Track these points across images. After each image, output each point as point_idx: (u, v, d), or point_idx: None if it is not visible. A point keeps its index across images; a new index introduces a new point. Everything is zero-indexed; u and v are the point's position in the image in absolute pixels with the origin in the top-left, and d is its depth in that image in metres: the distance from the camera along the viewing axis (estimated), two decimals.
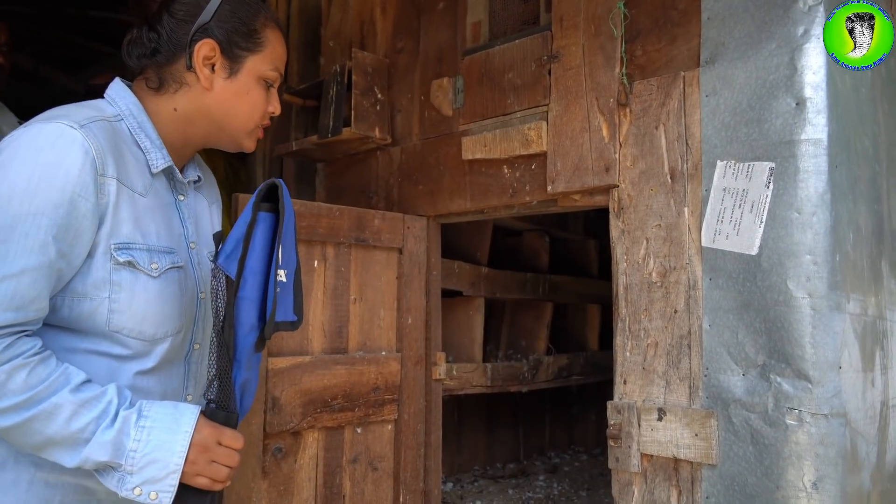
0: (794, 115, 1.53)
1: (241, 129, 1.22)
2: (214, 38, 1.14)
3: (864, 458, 1.58)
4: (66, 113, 1.05)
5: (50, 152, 0.98)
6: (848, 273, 1.55)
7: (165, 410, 1.03)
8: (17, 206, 0.96)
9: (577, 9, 1.90)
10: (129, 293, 1.06)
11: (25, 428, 0.96)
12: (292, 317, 1.11)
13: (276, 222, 1.06)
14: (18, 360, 0.95)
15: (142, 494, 0.99)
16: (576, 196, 1.90)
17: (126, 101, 1.15)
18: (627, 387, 1.75)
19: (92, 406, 0.98)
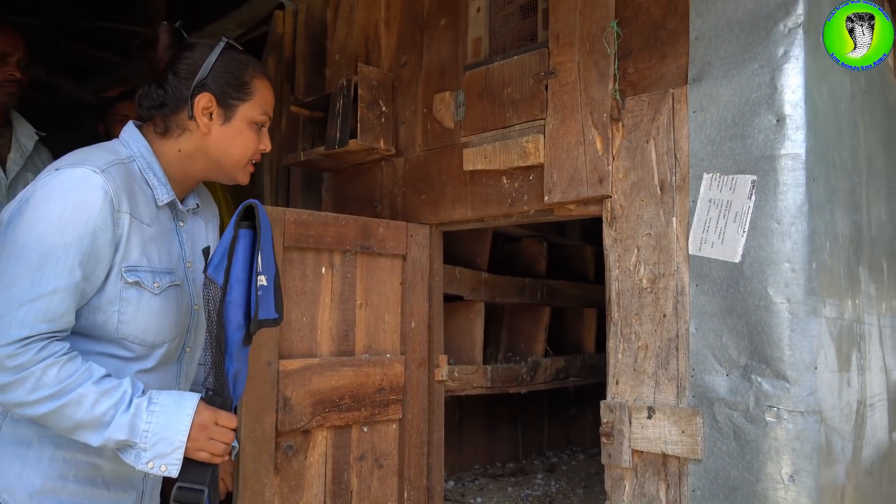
0: (775, 131, 1.63)
1: (235, 166, 1.43)
2: (211, 92, 1.36)
3: (839, 453, 1.68)
4: (90, 158, 1.28)
5: (77, 193, 1.21)
6: (824, 279, 1.66)
7: (171, 398, 1.25)
8: (51, 238, 1.18)
9: (572, 27, 2.00)
10: (135, 307, 1.29)
11: (59, 414, 1.17)
12: (274, 315, 1.32)
13: (254, 236, 1.26)
14: (51, 359, 1.16)
15: (154, 467, 1.20)
16: (571, 206, 2.00)
17: (138, 145, 1.37)
18: (619, 387, 1.85)
19: (111, 395, 1.19)
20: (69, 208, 1.20)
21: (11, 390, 1.15)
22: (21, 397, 1.16)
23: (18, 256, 1.18)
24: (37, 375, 1.15)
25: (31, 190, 1.23)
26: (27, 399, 1.16)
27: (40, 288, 1.17)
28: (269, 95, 1.45)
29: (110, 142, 1.40)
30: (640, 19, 1.89)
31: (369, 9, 2.60)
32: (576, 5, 1.99)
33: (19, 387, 1.15)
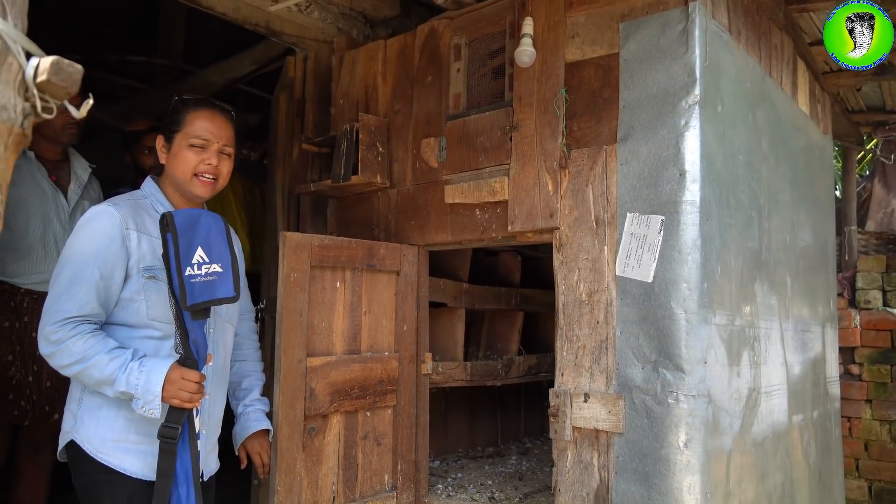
0: (678, 182, 2.15)
1: (185, 179, 1.97)
2: (161, 134, 2.00)
3: (726, 427, 2.19)
4: (115, 199, 1.89)
5: (97, 221, 1.80)
6: (715, 295, 2.17)
7: (155, 362, 1.72)
8: (79, 249, 1.75)
9: (531, 91, 2.51)
10: (155, 295, 1.81)
11: (85, 374, 1.69)
12: (231, 293, 1.79)
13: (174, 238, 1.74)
14: (78, 335, 1.69)
15: (145, 411, 1.69)
16: (529, 234, 2.51)
17: (150, 188, 1.99)
18: (564, 378, 2.36)
19: (116, 360, 1.69)
20: (90, 231, 1.77)
21: (56, 357, 1.68)
22: (62, 361, 1.68)
23: (60, 266, 1.74)
24: (69, 346, 1.67)
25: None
26: (65, 363, 1.67)
27: (71, 284, 1.70)
28: (203, 121, 1.96)
29: (132, 192, 1.99)
30: (583, 88, 2.40)
31: (369, 63, 3.11)
32: (534, 74, 2.50)
33: (59, 355, 1.67)
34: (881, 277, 4.10)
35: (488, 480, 3.12)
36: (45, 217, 2.73)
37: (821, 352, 3.21)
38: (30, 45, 0.83)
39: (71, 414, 1.80)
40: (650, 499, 2.10)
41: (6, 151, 0.77)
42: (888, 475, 3.98)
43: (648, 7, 2.26)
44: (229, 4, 3.05)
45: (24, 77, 0.81)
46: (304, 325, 2.27)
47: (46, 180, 2.76)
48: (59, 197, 2.78)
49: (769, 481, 2.50)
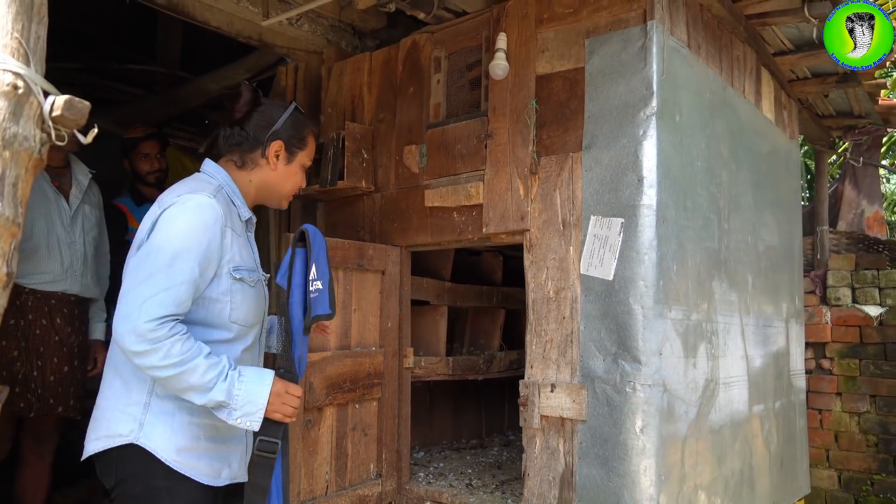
0: (636, 187, 2.32)
1: (286, 196, 1.96)
2: (282, 140, 1.85)
3: (681, 415, 2.36)
4: (200, 188, 1.72)
5: (198, 212, 1.65)
6: (671, 292, 2.34)
7: (254, 373, 1.66)
8: (179, 244, 1.60)
9: (504, 102, 2.68)
10: (240, 297, 1.74)
11: (178, 378, 1.56)
12: (328, 311, 1.79)
13: (307, 253, 1.79)
14: (178, 335, 1.55)
15: (241, 422, 1.62)
16: (502, 236, 2.68)
17: (222, 176, 1.82)
18: (533, 370, 2.53)
19: (215, 367, 1.59)
20: (192, 223, 1.62)
21: (148, 356, 1.52)
22: (155, 362, 1.52)
23: (156, 256, 1.58)
24: (167, 347, 1.52)
25: (161, 213, 1.64)
26: (159, 364, 1.52)
27: (173, 280, 1.56)
28: (314, 148, 1.96)
29: (196, 175, 1.83)
30: (552, 99, 2.57)
31: (355, 73, 3.28)
32: (507, 86, 2.67)
33: (154, 354, 1.52)
34: (850, 275, 4.27)
35: (468, 469, 3.29)
36: (49, 220, 2.89)
37: (784, 346, 3.38)
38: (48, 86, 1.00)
39: (129, 417, 1.65)
40: (609, 481, 2.27)
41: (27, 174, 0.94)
42: (856, 465, 4.15)
43: (611, 25, 2.43)
44: (223, 19, 3.22)
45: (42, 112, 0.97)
46: None
47: (49, 186, 2.93)
48: (61, 201, 2.95)
49: (726, 466, 2.67)
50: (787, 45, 3.26)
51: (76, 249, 2.97)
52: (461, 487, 2.94)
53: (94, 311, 3.16)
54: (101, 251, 3.21)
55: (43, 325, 2.84)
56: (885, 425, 4.07)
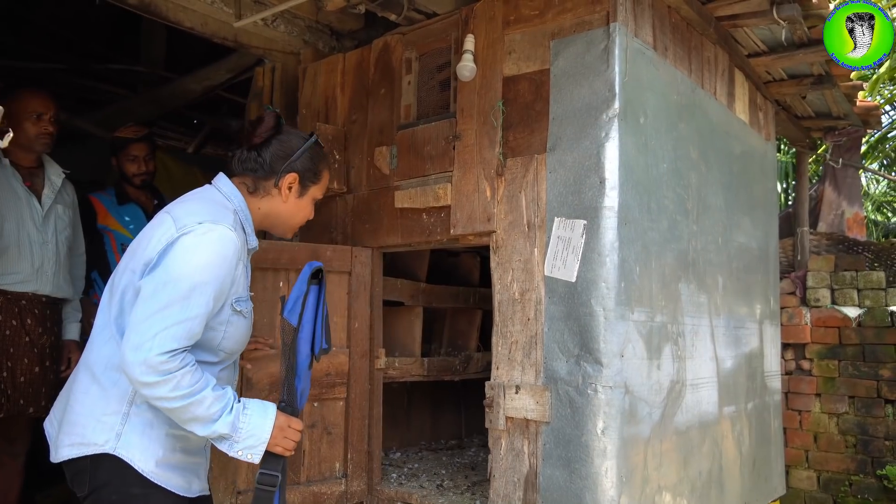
0: (599, 189, 2.32)
1: (293, 228, 1.97)
2: (297, 172, 1.85)
3: (644, 416, 2.37)
4: (222, 215, 1.69)
5: (218, 245, 1.63)
6: (633, 294, 2.34)
7: (258, 406, 1.68)
8: (198, 277, 1.59)
9: (472, 103, 2.68)
10: (234, 328, 1.74)
11: (185, 409, 1.57)
12: (325, 345, 1.84)
13: (319, 291, 1.82)
14: (187, 367, 1.56)
15: (242, 455, 1.64)
16: (470, 237, 2.68)
17: (238, 200, 1.81)
18: (499, 371, 2.53)
19: (221, 399, 1.61)
20: (212, 256, 1.61)
21: (158, 387, 1.53)
22: (164, 393, 1.53)
23: (173, 287, 1.56)
24: (178, 378, 1.53)
25: (178, 237, 1.61)
26: (168, 395, 1.53)
27: (188, 313, 1.56)
28: (328, 181, 1.97)
29: (210, 192, 1.80)
30: (518, 101, 2.57)
31: (329, 75, 3.28)
32: (475, 87, 2.67)
33: (164, 385, 1.52)
34: (829, 276, 4.27)
35: (442, 470, 3.30)
36: (20, 220, 2.89)
37: (758, 347, 3.38)
38: None
39: (106, 427, 1.64)
40: (572, 483, 2.27)
41: None
42: (835, 465, 4.15)
43: (575, 27, 2.44)
44: (197, 20, 3.22)
45: None
46: None
47: (21, 185, 2.92)
48: (33, 201, 2.95)
49: (693, 467, 2.67)
50: (761, 47, 3.26)
51: (48, 249, 2.97)
52: (432, 489, 2.95)
53: (68, 311, 3.15)
54: (75, 251, 3.20)
55: (13, 325, 2.84)
56: (863, 426, 4.08)
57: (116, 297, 1.69)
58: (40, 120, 2.98)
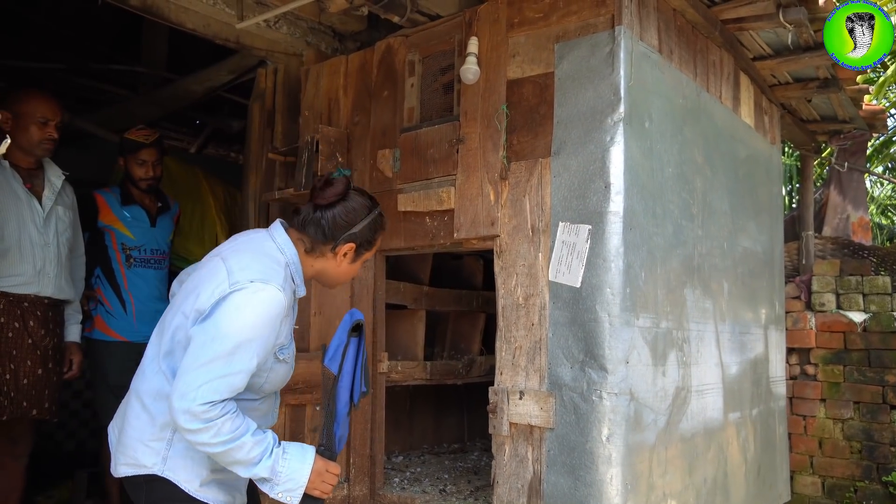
0: (604, 194, 2.30)
1: (341, 283, 2.02)
2: (355, 243, 1.87)
3: (649, 423, 2.34)
4: (273, 272, 1.73)
5: (267, 306, 1.67)
6: (638, 300, 2.32)
7: (297, 449, 1.74)
8: (244, 336, 1.64)
9: (475, 107, 2.66)
10: (275, 374, 1.82)
11: (226, 453, 1.66)
12: (365, 389, 1.92)
13: (358, 343, 1.89)
14: (228, 415, 1.64)
15: (282, 496, 1.71)
16: (474, 241, 2.66)
17: (292, 254, 1.83)
18: (503, 376, 2.51)
19: (261, 444, 1.68)
20: (259, 317, 1.66)
21: (200, 434, 1.62)
22: (206, 439, 1.62)
23: (220, 343, 1.63)
24: (219, 426, 1.62)
25: (230, 293, 1.67)
26: (210, 441, 1.63)
27: (231, 368, 1.64)
28: (378, 244, 1.99)
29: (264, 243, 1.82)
30: (522, 105, 2.55)
31: (332, 76, 3.26)
32: (478, 90, 2.65)
33: (206, 432, 1.61)
34: (834, 281, 4.24)
35: (445, 475, 3.28)
36: (21, 222, 2.87)
37: (763, 352, 3.36)
38: None
39: (153, 451, 1.76)
40: (576, 490, 2.25)
41: None
42: (840, 471, 4.12)
43: (580, 30, 2.42)
44: (199, 21, 3.21)
45: None
46: None
47: (21, 187, 2.90)
48: (33, 203, 2.93)
49: (698, 474, 2.64)
50: (767, 50, 3.23)
51: (49, 251, 2.95)
52: (435, 493, 2.93)
53: (70, 312, 3.14)
54: (76, 252, 3.18)
55: (16, 328, 2.82)
56: (868, 432, 4.05)
57: (167, 335, 1.78)
58: (46, 126, 2.94)
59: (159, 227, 3.62)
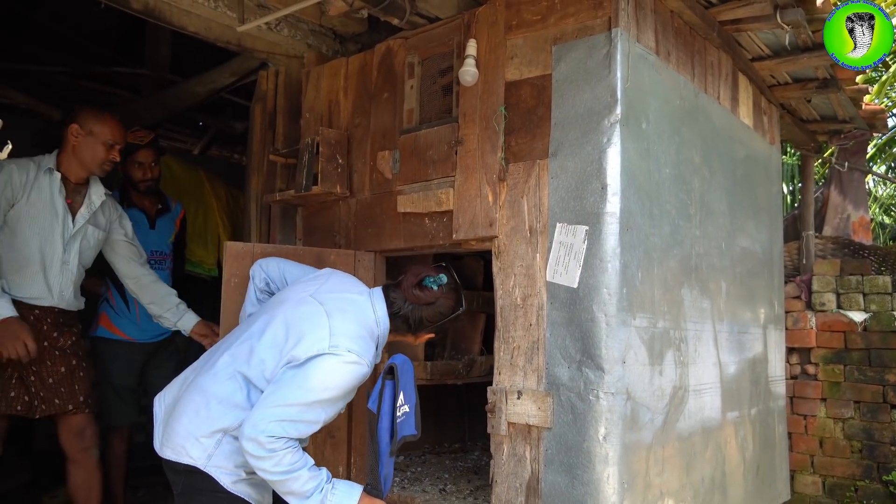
0: (600, 195, 2.31)
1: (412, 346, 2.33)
2: (436, 334, 2.24)
3: (645, 422, 2.36)
4: (366, 351, 1.96)
5: (352, 375, 1.91)
6: (635, 300, 2.33)
7: (346, 486, 1.93)
8: (327, 394, 1.87)
9: (474, 108, 2.68)
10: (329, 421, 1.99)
11: (283, 483, 1.84)
12: (413, 431, 2.07)
13: (394, 386, 2.06)
14: (290, 448, 1.83)
15: None
16: (472, 242, 2.68)
17: (384, 328, 2.09)
18: (501, 376, 2.53)
19: (314, 479, 1.87)
20: (344, 385, 1.90)
21: (263, 461, 1.81)
22: (267, 467, 1.81)
23: (302, 393, 1.84)
24: (280, 456, 1.81)
25: (326, 351, 1.88)
26: (271, 469, 1.81)
27: (304, 417, 1.85)
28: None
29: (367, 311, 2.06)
30: (520, 106, 2.57)
31: (332, 78, 3.29)
32: (476, 92, 2.67)
33: (269, 460, 1.80)
34: (835, 281, 4.25)
35: (445, 474, 3.30)
36: (49, 238, 2.84)
37: (762, 352, 3.37)
38: None
39: (201, 447, 1.92)
40: (573, 488, 2.27)
41: None
42: (840, 471, 4.13)
43: (577, 32, 2.43)
44: (201, 24, 3.23)
45: None
46: None
47: (62, 201, 2.86)
48: (67, 219, 2.89)
49: (696, 473, 2.66)
50: (765, 51, 3.24)
51: (67, 270, 2.90)
52: (434, 493, 2.94)
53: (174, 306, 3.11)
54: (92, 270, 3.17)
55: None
56: (868, 431, 4.05)
57: (255, 357, 1.95)
58: (112, 148, 2.94)
59: (158, 228, 3.65)
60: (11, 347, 2.62)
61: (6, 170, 2.76)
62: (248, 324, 2.10)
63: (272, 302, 2.16)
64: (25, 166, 2.82)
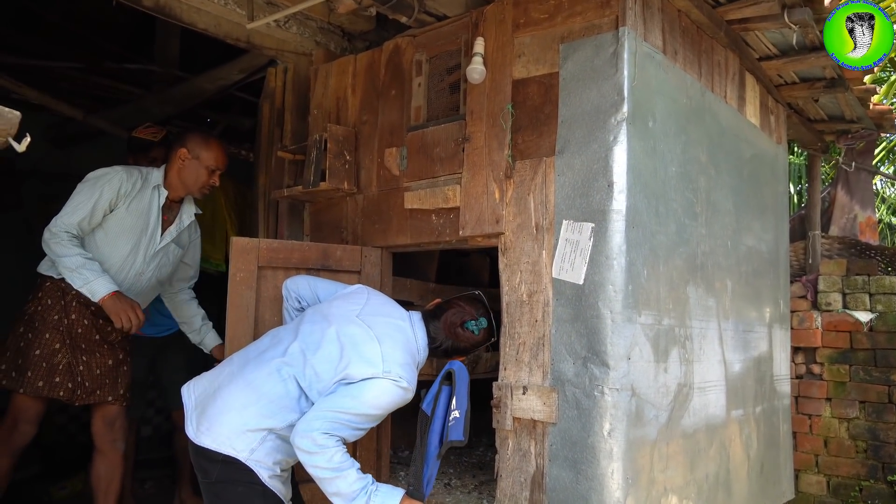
0: (607, 192, 2.33)
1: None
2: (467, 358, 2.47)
3: (650, 419, 2.37)
4: (411, 377, 2.13)
5: (399, 398, 2.08)
6: (640, 297, 2.35)
7: (388, 489, 2.05)
8: (376, 411, 2.05)
9: (481, 106, 2.69)
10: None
11: (331, 481, 1.97)
12: (461, 437, 2.16)
13: (450, 392, 2.18)
14: (340, 447, 1.98)
15: None
16: (479, 238, 2.70)
17: (424, 355, 2.30)
18: (506, 372, 2.55)
19: (361, 480, 2.00)
20: (391, 404, 2.08)
21: (314, 456, 1.94)
22: (318, 462, 1.94)
23: (356, 406, 2.00)
24: (331, 453, 1.95)
25: (379, 375, 2.04)
26: (321, 465, 1.94)
27: (353, 423, 2.01)
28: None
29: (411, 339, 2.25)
30: (527, 104, 2.58)
31: (340, 76, 3.31)
32: (484, 90, 2.68)
33: (320, 456, 1.94)
34: (841, 280, 4.25)
35: (450, 469, 3.32)
36: (135, 250, 2.91)
37: (767, 351, 3.37)
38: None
39: (246, 440, 2.04)
40: (578, 483, 2.29)
41: None
42: (845, 470, 4.13)
43: (584, 30, 2.45)
44: (210, 21, 3.26)
45: None
46: (251, 319, 2.47)
47: (157, 217, 2.96)
48: (156, 234, 2.97)
49: (700, 470, 2.67)
50: (773, 50, 3.25)
51: (141, 282, 2.96)
52: (439, 487, 2.97)
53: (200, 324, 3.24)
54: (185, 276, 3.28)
55: (85, 325, 2.85)
56: (873, 431, 4.06)
57: (310, 370, 2.09)
58: (213, 174, 3.02)
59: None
60: (125, 317, 2.76)
61: (117, 176, 2.85)
62: (294, 328, 2.23)
63: (318, 314, 2.27)
64: (132, 176, 2.91)
